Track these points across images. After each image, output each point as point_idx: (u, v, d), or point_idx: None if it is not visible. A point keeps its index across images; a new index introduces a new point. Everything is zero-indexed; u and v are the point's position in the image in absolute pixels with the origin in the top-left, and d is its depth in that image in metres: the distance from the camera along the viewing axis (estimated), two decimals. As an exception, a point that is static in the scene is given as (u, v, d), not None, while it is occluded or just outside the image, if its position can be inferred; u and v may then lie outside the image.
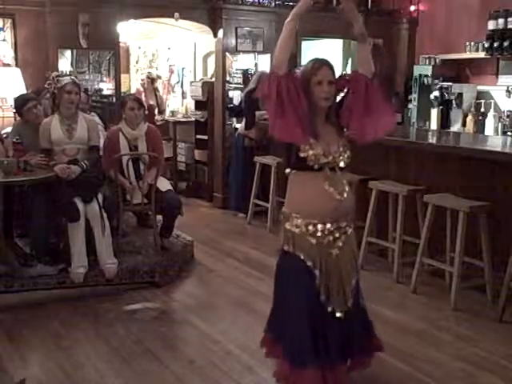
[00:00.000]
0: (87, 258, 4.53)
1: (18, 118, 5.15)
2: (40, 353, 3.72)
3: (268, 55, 7.58)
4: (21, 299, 4.39)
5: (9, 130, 5.38)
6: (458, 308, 4.32)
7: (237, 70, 7.71)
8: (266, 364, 3.36)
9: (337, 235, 2.92)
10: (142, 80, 9.05)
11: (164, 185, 5.15)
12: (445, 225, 4.70)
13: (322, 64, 2.87)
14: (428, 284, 4.79)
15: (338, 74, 2.95)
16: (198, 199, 7.84)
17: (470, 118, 7.10)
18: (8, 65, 6.55)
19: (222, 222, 6.90)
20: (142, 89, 8.96)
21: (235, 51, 7.48)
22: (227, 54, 7.44)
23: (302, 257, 2.90)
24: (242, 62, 7.90)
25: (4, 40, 6.57)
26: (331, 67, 2.90)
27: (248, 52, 7.59)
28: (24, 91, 5.90)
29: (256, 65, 7.76)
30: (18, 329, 3.97)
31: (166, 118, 8.72)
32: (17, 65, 6.58)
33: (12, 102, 5.73)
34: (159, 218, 5.20)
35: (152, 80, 8.89)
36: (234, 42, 7.31)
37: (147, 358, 3.59)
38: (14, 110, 5.45)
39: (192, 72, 8.75)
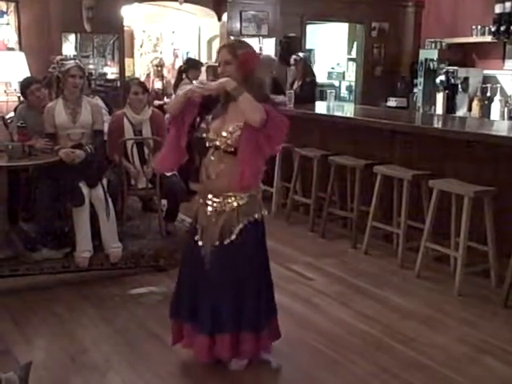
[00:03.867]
0: (92, 242, 4.54)
1: (22, 104, 5.14)
2: (45, 336, 3.74)
3: (273, 39, 7.55)
4: (26, 283, 4.41)
5: (13, 114, 5.38)
6: (462, 293, 4.32)
7: (241, 53, 7.67)
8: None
9: (214, 205, 3.17)
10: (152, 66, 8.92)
11: (168, 169, 5.14)
12: (450, 210, 4.69)
13: (221, 47, 3.21)
14: (432, 269, 4.79)
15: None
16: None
17: (475, 102, 7.06)
18: (12, 49, 6.53)
19: (227, 207, 6.89)
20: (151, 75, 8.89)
21: (240, 35, 7.45)
22: (232, 37, 7.40)
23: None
24: (247, 45, 7.85)
25: (8, 24, 6.55)
26: (230, 47, 3.10)
27: (252, 36, 7.56)
28: (28, 75, 5.89)
29: (261, 49, 7.72)
30: (23, 313, 3.99)
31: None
32: (21, 49, 6.56)
33: (16, 87, 5.73)
34: (164, 202, 5.21)
35: (160, 66, 8.78)
36: (238, 25, 7.29)
37: (152, 342, 3.61)
38: (19, 93, 5.44)
39: (196, 56, 8.71)
